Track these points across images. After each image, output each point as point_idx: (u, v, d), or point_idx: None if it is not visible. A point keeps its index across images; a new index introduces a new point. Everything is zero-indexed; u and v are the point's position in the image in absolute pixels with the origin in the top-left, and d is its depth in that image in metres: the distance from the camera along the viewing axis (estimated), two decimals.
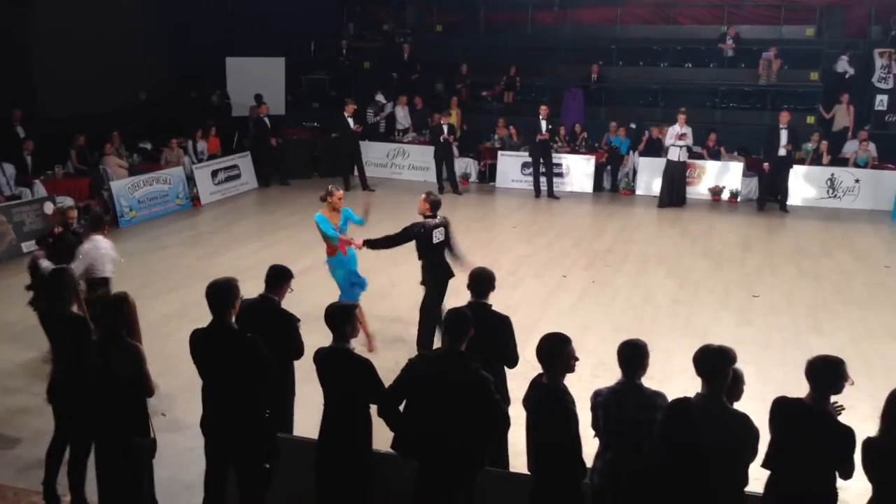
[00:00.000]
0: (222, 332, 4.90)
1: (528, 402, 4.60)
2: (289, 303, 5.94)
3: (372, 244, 8.21)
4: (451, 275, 8.15)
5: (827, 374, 4.21)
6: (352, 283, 8.52)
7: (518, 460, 5.24)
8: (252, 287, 5.82)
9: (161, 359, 7.46)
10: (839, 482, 4.22)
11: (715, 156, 16.77)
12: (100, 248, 7.86)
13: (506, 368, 5.67)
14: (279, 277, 5.76)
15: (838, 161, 16.30)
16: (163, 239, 13.26)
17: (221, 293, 4.94)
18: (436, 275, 8.19)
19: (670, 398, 4.44)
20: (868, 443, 4.10)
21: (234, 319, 5.01)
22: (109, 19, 17.43)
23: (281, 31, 20.08)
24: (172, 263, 11.77)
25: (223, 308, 4.93)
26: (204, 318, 5.01)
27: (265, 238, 13.24)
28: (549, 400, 4.46)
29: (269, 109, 17.57)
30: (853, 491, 4.38)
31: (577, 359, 4.59)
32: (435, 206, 8.15)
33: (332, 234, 8.33)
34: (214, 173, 16.32)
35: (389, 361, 8.00)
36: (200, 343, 4.94)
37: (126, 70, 17.51)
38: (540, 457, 4.54)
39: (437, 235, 8.12)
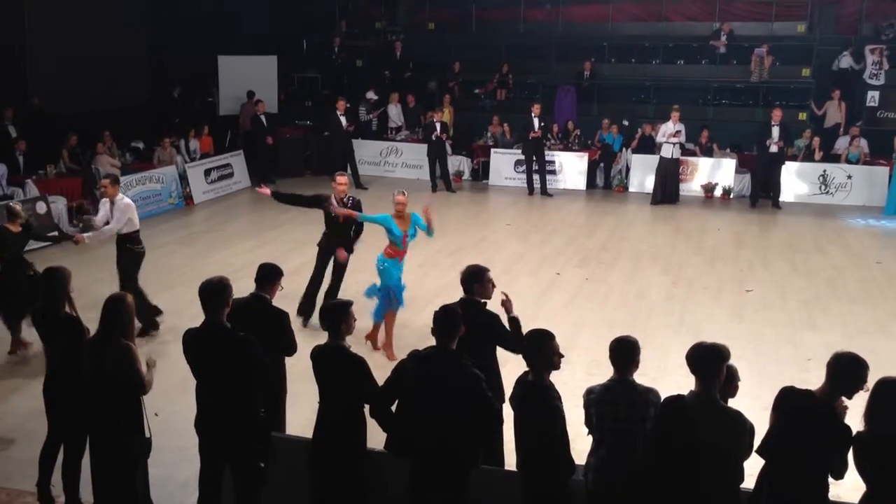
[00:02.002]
0: (216, 331, 4.89)
1: (513, 399, 4.61)
2: (284, 302, 5.94)
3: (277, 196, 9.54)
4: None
5: (850, 371, 4.13)
6: (387, 295, 8.33)
7: (514, 458, 5.25)
8: (246, 286, 5.82)
9: (154, 358, 7.44)
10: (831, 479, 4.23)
11: (707, 153, 16.81)
12: None
13: (500, 366, 5.67)
14: (269, 275, 5.76)
15: (830, 157, 16.36)
16: (156, 238, 13.18)
17: (214, 292, 4.93)
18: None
19: (664, 395, 4.45)
20: (857, 437, 4.11)
21: (226, 318, 5.00)
22: (98, 19, 17.32)
23: (272, 28, 20.04)
24: (165, 262, 11.74)
25: (216, 307, 4.92)
26: (197, 317, 5.00)
27: (258, 237, 13.22)
28: (533, 397, 4.47)
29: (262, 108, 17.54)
30: (846, 486, 4.40)
31: (561, 355, 4.59)
32: None
33: (398, 235, 8.20)
34: (207, 172, 16.29)
35: (383, 359, 8.03)
36: (194, 342, 4.94)
37: (111, 69, 17.38)
38: (526, 454, 4.55)
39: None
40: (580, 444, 5.14)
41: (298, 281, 10.01)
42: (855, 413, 4.28)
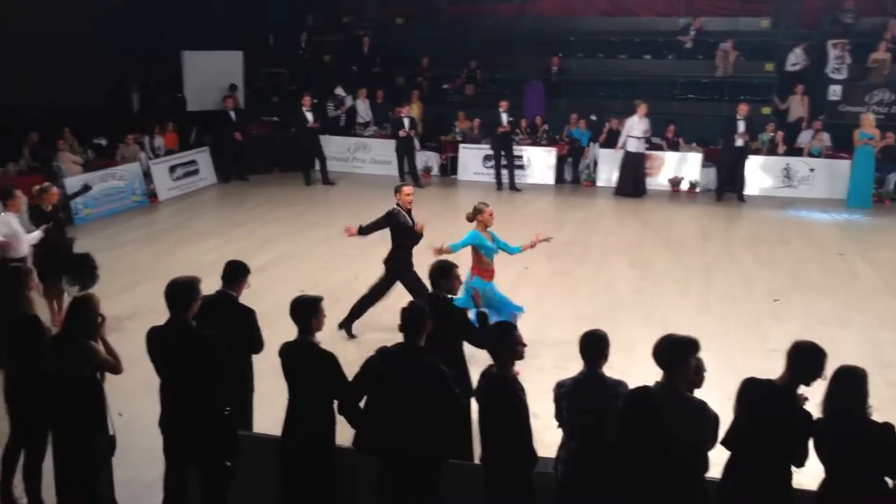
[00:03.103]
0: (180, 329, 4.85)
1: (478, 392, 4.63)
2: (249, 299, 5.88)
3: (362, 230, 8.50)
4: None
5: (809, 359, 4.24)
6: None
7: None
8: (213, 283, 5.76)
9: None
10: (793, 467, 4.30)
11: (674, 147, 16.95)
12: None
13: (468, 362, 5.67)
14: (236, 273, 5.72)
15: (793, 151, 16.57)
16: (119, 236, 13.04)
17: (181, 292, 4.90)
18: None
19: (632, 387, 4.47)
20: (816, 424, 4.18)
21: (192, 317, 4.94)
22: (59, 13, 16.99)
23: (238, 23, 19.82)
24: (130, 261, 11.58)
25: (182, 307, 4.88)
26: (163, 315, 4.94)
27: (225, 234, 13.09)
28: (497, 389, 4.50)
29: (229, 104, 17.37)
30: (808, 474, 4.46)
31: (524, 345, 4.62)
32: None
33: (493, 249, 7.83)
34: (172, 169, 16.10)
35: (354, 356, 7.98)
36: (157, 341, 4.88)
37: (74, 65, 17.04)
38: (490, 446, 4.56)
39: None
40: (550, 437, 5.15)
41: (265, 278, 9.96)
42: (815, 402, 4.34)
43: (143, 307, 9.23)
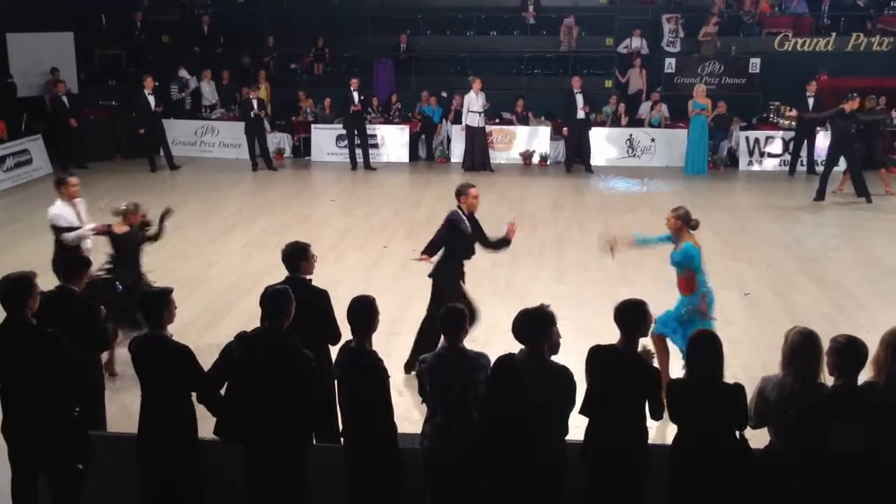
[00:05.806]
0: (19, 329, 4.55)
1: (337, 366, 4.61)
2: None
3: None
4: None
5: (635, 315, 4.52)
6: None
7: None
8: (54, 280, 5.43)
9: None
10: (650, 422, 4.52)
11: (523, 121, 17.35)
12: None
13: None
14: (77, 266, 5.42)
15: (635, 122, 17.33)
16: None
17: (15, 288, 4.61)
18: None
19: (493, 358, 4.55)
20: (671, 384, 4.41)
21: (32, 315, 4.64)
22: None
23: (67, 3, 18.62)
24: None
25: (19, 304, 4.59)
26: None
27: None
28: (356, 361, 4.51)
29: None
30: (662, 429, 4.69)
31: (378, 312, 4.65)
32: None
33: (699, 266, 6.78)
34: (1, 159, 15.02)
35: (212, 346, 7.74)
36: None
37: None
38: (351, 418, 4.55)
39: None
40: (416, 413, 5.19)
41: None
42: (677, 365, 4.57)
43: None
